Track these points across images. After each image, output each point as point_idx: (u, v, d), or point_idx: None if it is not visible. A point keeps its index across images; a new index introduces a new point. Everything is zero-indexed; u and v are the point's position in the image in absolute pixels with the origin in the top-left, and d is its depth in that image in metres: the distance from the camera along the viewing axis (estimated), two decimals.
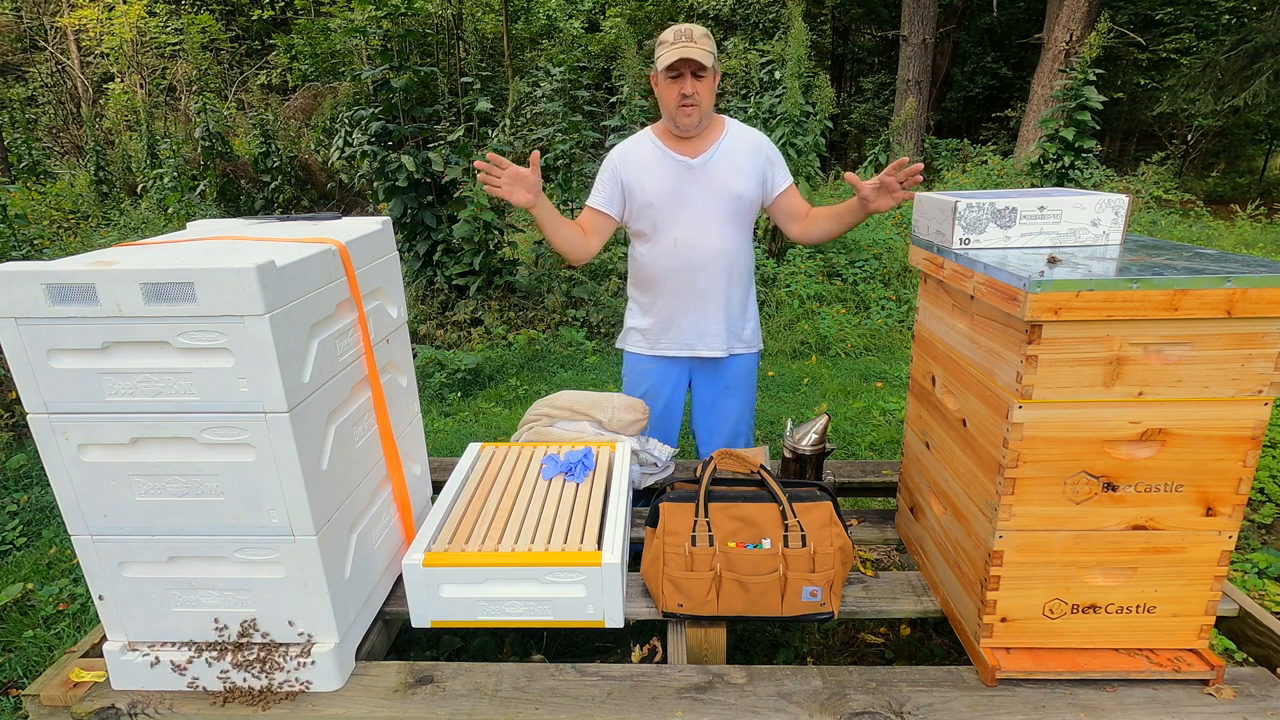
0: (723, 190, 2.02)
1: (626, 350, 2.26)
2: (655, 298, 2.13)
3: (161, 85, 16.44)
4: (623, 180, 2.05)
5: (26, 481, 3.32)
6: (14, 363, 1.15)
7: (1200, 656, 1.29)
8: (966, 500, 1.37)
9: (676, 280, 2.07)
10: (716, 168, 2.02)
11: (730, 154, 2.03)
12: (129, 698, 1.31)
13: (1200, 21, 12.35)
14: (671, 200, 2.02)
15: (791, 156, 5.67)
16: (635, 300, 2.21)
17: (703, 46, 1.88)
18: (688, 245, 2.03)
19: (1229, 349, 1.13)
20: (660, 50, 1.93)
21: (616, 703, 1.29)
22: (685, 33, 1.89)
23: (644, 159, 2.04)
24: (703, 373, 2.22)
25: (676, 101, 1.93)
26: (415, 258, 5.66)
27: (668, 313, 2.12)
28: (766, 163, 2.07)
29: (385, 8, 5.47)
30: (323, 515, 1.28)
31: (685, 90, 1.91)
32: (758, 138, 2.09)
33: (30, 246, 4.99)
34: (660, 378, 2.20)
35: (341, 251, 1.36)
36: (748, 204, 2.06)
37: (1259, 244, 7.21)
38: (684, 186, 2.02)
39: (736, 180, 2.02)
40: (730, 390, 2.22)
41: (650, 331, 2.17)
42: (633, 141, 2.10)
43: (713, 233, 2.04)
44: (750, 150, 2.05)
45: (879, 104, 14.45)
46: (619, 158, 2.07)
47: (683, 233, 2.03)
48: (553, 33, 15.42)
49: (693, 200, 2.02)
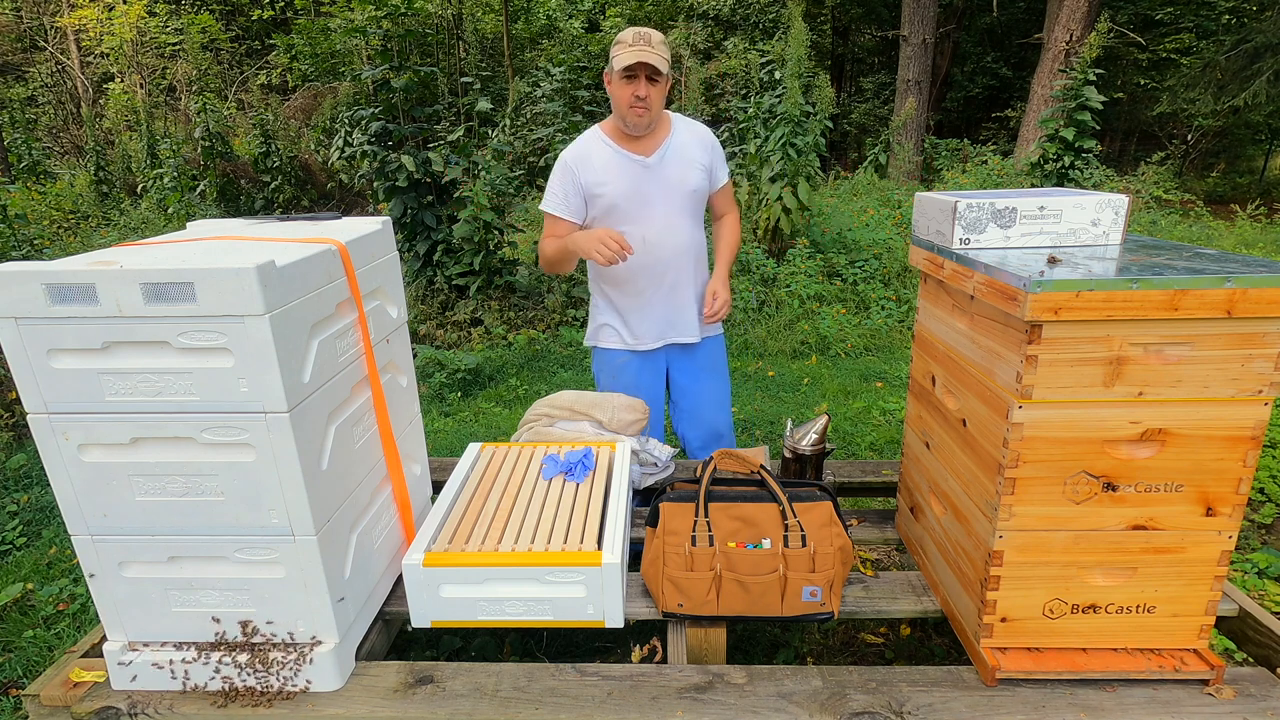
0: (680, 186, 2.10)
1: (599, 347, 2.28)
2: (627, 294, 2.17)
3: (161, 85, 16.44)
4: (583, 186, 2.07)
5: (26, 481, 3.32)
6: (14, 363, 1.15)
7: (1200, 656, 1.29)
8: (966, 500, 1.37)
9: (648, 276, 2.13)
10: (671, 165, 2.09)
11: (681, 149, 2.10)
12: (129, 698, 1.31)
13: (1200, 21, 12.36)
14: (634, 200, 2.07)
15: (791, 156, 5.66)
16: (605, 297, 2.23)
17: (659, 53, 1.94)
18: (656, 243, 2.09)
19: (1229, 349, 1.13)
20: (617, 50, 1.97)
21: (616, 703, 1.29)
22: (644, 36, 1.95)
23: (600, 161, 2.07)
24: (679, 360, 2.27)
25: (629, 102, 1.98)
26: (415, 258, 5.66)
27: (642, 307, 2.17)
28: (713, 156, 2.16)
29: (385, 8, 5.48)
30: (323, 515, 1.28)
31: (639, 92, 1.96)
32: (704, 131, 2.17)
33: (30, 246, 4.99)
34: (638, 371, 2.23)
35: (341, 251, 1.36)
36: (701, 196, 2.17)
37: (1259, 244, 7.21)
38: (643, 186, 2.07)
39: (690, 174, 2.11)
40: (707, 372, 2.29)
41: (625, 326, 2.21)
42: (584, 143, 2.11)
43: (676, 227, 2.11)
44: (698, 144, 2.13)
45: (879, 104, 14.45)
46: (574, 163, 2.08)
47: (649, 230, 2.08)
48: (553, 33, 15.42)
49: (653, 198, 2.08)
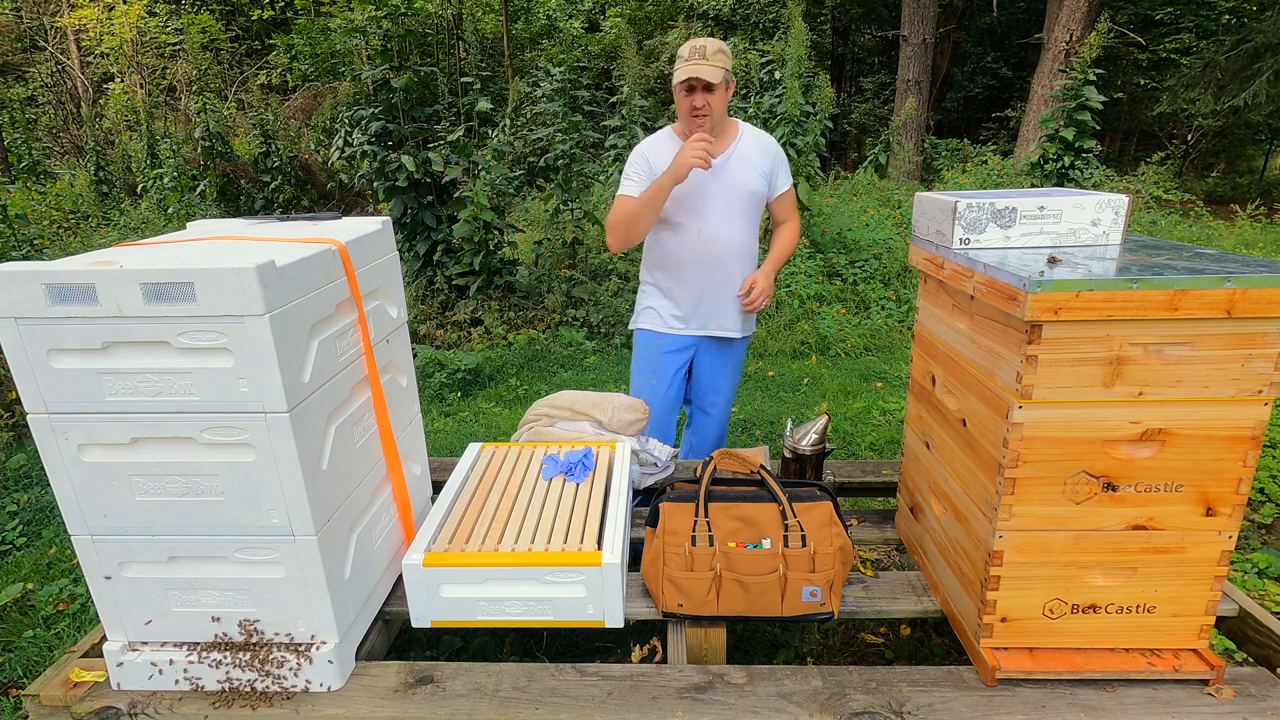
0: (740, 188, 2.22)
1: (642, 329, 2.40)
2: (678, 283, 2.31)
3: (161, 85, 16.43)
4: (654, 172, 2.18)
5: (26, 481, 3.32)
6: (14, 363, 1.15)
7: (1200, 656, 1.29)
8: (966, 500, 1.37)
9: (698, 268, 2.26)
10: (734, 168, 2.21)
11: (745, 155, 2.23)
12: (129, 698, 1.31)
13: (1200, 21, 12.35)
14: (694, 195, 2.19)
15: (791, 156, 5.66)
16: (655, 283, 2.38)
17: (714, 63, 2.05)
18: (710, 238, 2.22)
19: (1229, 349, 1.13)
20: (677, 65, 2.12)
21: (616, 703, 1.29)
22: (699, 50, 2.07)
23: (670, 155, 2.17)
24: (709, 352, 2.40)
25: (689, 112, 2.12)
26: (415, 258, 5.65)
27: (691, 296, 2.30)
28: (774, 164, 2.28)
29: (385, 8, 5.47)
30: (323, 515, 1.28)
31: (696, 104, 2.10)
32: (769, 141, 2.30)
33: (30, 246, 4.99)
34: (675, 352, 2.38)
35: (341, 251, 1.36)
36: (759, 200, 2.28)
37: (1259, 244, 7.21)
38: (705, 184, 2.19)
39: (751, 179, 2.23)
40: (729, 367, 2.45)
41: (671, 312, 2.35)
42: (658, 139, 2.27)
43: (731, 226, 2.23)
44: (761, 152, 2.26)
45: (879, 104, 14.45)
46: (650, 152, 2.23)
47: (706, 225, 2.22)
48: (553, 33, 15.41)
49: (713, 197, 2.20)
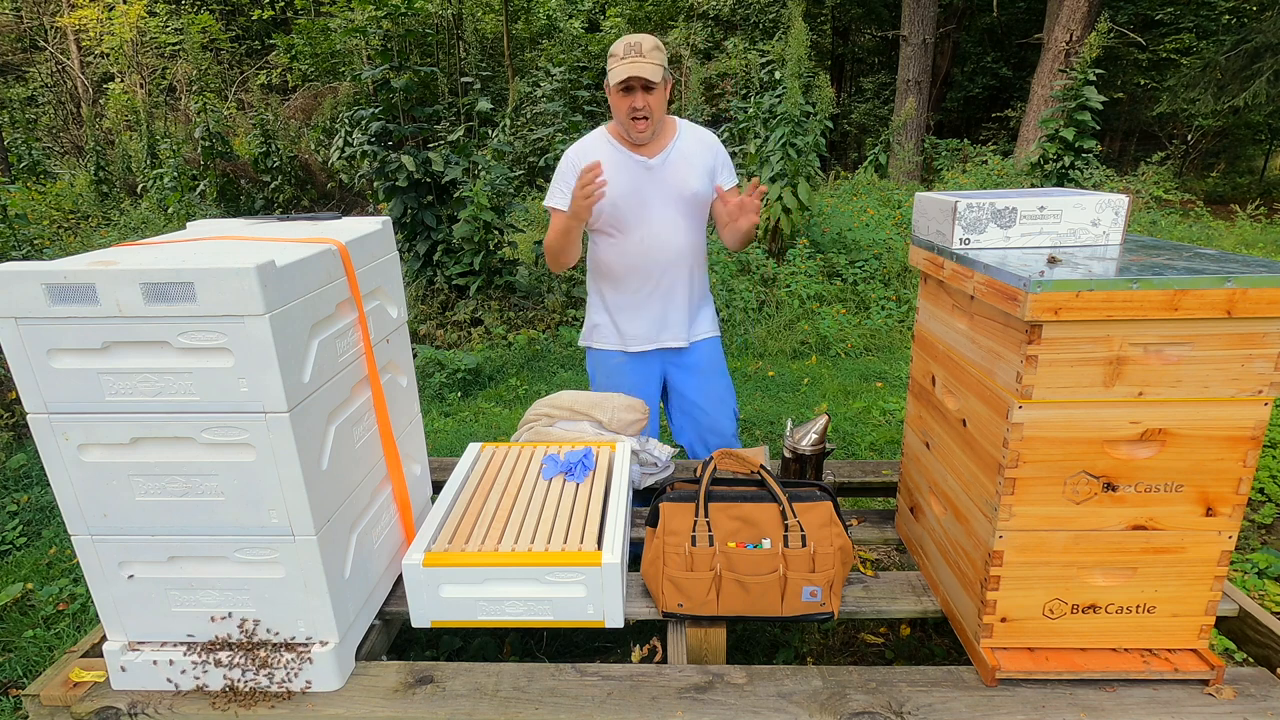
0: (681, 189, 2.09)
1: (592, 347, 2.28)
2: (622, 293, 2.18)
3: (161, 85, 16.44)
4: None
5: (26, 481, 3.32)
6: (14, 363, 1.15)
7: (1200, 656, 1.29)
8: (966, 500, 1.37)
9: (642, 277, 2.14)
10: (674, 168, 2.09)
11: (685, 154, 2.10)
12: (129, 698, 1.31)
13: (1200, 21, 12.36)
14: (633, 200, 2.07)
15: (791, 156, 5.66)
16: (600, 296, 2.25)
17: (651, 60, 1.93)
18: (652, 244, 2.10)
19: (1229, 349, 1.13)
20: (611, 63, 1.98)
21: (616, 703, 1.29)
22: (635, 46, 1.93)
23: (604, 161, 2.04)
24: (673, 365, 2.27)
25: (628, 114, 1.98)
26: (415, 258, 5.66)
27: (635, 306, 2.18)
28: (716, 159, 2.15)
29: (385, 8, 5.47)
30: (323, 515, 1.28)
31: (635, 104, 1.96)
32: (709, 137, 2.17)
33: (30, 246, 4.99)
34: (632, 372, 2.23)
35: (341, 251, 1.36)
36: (703, 201, 2.14)
37: (1259, 244, 7.21)
38: (644, 187, 2.07)
39: (693, 179, 2.10)
40: (702, 374, 2.27)
41: (617, 327, 2.22)
42: (589, 142, 2.13)
43: (675, 230, 2.11)
44: (702, 149, 2.13)
45: (879, 104, 14.45)
46: (578, 159, 2.08)
47: (647, 231, 2.09)
48: (553, 33, 15.41)
49: (653, 200, 2.08)
